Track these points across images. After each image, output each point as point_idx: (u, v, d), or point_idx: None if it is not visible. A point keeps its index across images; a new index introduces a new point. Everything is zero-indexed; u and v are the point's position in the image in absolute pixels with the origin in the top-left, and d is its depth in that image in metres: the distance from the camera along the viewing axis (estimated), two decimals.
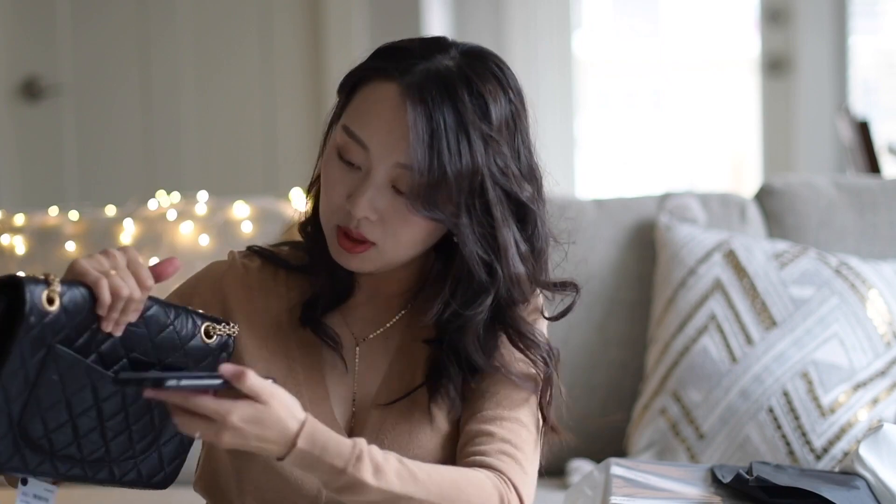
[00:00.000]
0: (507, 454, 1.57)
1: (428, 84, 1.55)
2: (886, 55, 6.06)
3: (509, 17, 5.37)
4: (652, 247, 2.54)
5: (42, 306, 1.41)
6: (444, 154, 1.53)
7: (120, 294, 1.45)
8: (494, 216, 1.57)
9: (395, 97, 1.55)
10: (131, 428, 1.50)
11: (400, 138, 1.54)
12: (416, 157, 1.52)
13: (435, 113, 1.54)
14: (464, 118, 1.55)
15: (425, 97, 1.54)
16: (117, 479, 1.52)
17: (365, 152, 1.56)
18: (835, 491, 1.77)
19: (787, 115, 5.43)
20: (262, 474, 1.62)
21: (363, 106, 1.58)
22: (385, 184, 1.56)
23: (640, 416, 2.42)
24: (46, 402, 1.44)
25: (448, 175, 1.53)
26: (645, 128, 7.02)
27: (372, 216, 1.56)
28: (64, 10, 4.66)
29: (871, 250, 2.54)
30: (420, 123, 1.53)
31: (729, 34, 6.61)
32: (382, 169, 1.55)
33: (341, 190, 1.57)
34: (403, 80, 1.55)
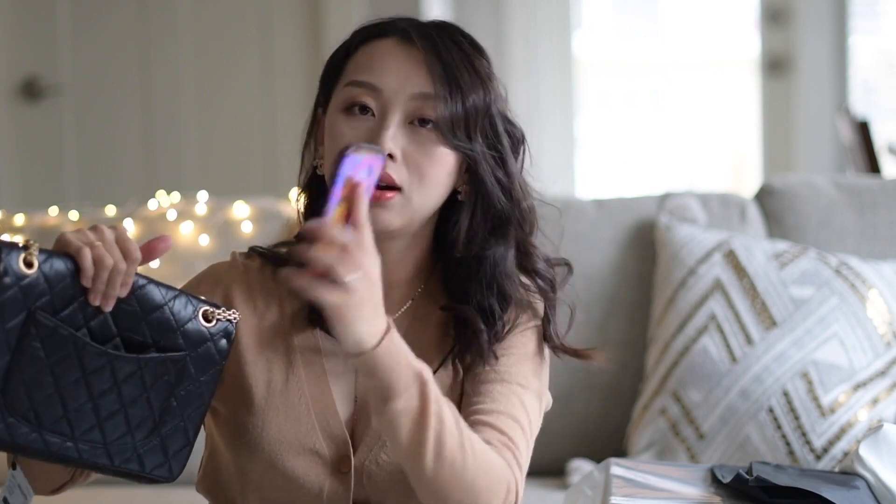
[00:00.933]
0: (509, 449, 1.58)
1: (425, 28, 1.62)
2: (886, 55, 6.06)
3: (509, 17, 5.37)
4: (652, 247, 2.54)
5: (18, 268, 1.41)
6: (462, 83, 1.59)
7: (103, 263, 1.45)
8: (504, 146, 1.64)
9: (396, 44, 1.61)
10: (127, 410, 1.49)
11: (412, 72, 1.59)
12: (439, 87, 1.58)
13: (441, 47, 1.60)
14: (469, 56, 1.62)
15: (429, 33, 1.61)
16: (117, 465, 1.50)
17: (376, 94, 1.59)
18: (835, 491, 1.77)
19: (787, 115, 5.43)
20: (265, 474, 1.62)
21: (364, 59, 1.62)
22: (404, 119, 1.59)
23: (640, 416, 2.42)
24: (29, 370, 1.43)
25: (467, 104, 1.59)
26: (645, 128, 7.02)
27: (397, 153, 1.58)
28: (64, 10, 4.66)
29: (871, 250, 2.54)
30: (432, 55, 1.59)
31: (729, 34, 6.61)
32: (399, 104, 1.59)
33: (356, 139, 1.58)
34: (399, 32, 1.62)
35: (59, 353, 1.44)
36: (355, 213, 1.42)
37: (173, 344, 1.52)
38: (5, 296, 1.41)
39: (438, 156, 1.59)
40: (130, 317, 1.49)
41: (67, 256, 1.45)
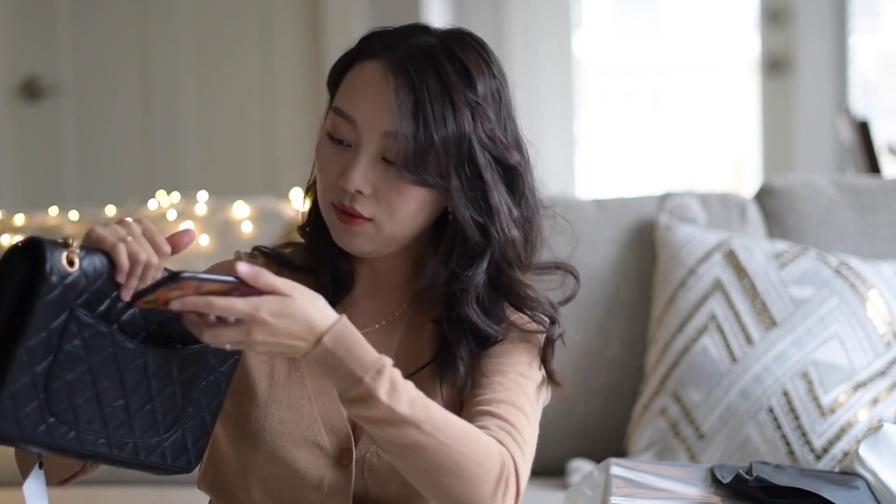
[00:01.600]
0: (508, 433, 1.58)
1: (411, 57, 1.59)
2: (886, 55, 6.06)
3: (509, 17, 5.37)
4: (652, 247, 2.54)
5: (63, 267, 1.40)
6: (430, 120, 1.56)
7: (138, 259, 1.45)
8: (485, 179, 1.60)
9: (379, 72, 1.59)
10: (154, 402, 1.49)
11: (384, 109, 1.57)
12: (402, 125, 1.55)
13: (419, 82, 1.57)
14: (448, 86, 1.58)
15: (408, 68, 1.58)
16: (142, 459, 1.50)
17: (353, 127, 1.59)
18: (835, 491, 1.77)
19: (787, 115, 5.43)
20: (267, 466, 1.63)
21: (349, 85, 1.61)
22: (375, 156, 1.58)
23: (640, 416, 2.42)
24: (70, 370, 1.42)
25: (435, 140, 1.56)
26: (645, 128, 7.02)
27: (365, 189, 1.58)
28: (64, 10, 4.66)
29: (871, 250, 2.54)
30: (402, 91, 1.57)
31: (729, 34, 6.61)
32: (370, 140, 1.58)
33: (334, 168, 1.60)
34: (387, 56, 1.59)
35: (99, 351, 1.44)
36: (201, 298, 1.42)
37: (194, 338, 1.51)
38: (51, 296, 1.40)
39: (408, 192, 1.59)
40: (159, 311, 1.48)
41: (103, 253, 1.44)
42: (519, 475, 1.56)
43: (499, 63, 1.65)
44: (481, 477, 1.52)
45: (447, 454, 1.50)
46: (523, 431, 1.59)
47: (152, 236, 1.48)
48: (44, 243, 1.40)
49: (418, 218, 1.61)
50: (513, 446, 1.56)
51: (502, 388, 1.61)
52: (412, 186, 1.58)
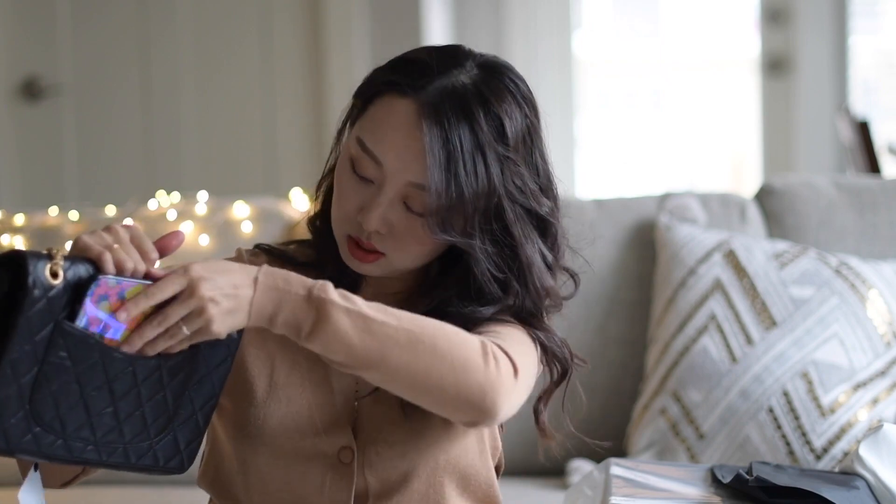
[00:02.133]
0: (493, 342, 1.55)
1: (444, 103, 1.55)
2: (886, 55, 6.06)
3: (509, 17, 5.37)
4: (652, 247, 2.54)
5: (46, 280, 1.40)
6: (462, 176, 1.54)
7: (124, 267, 1.44)
8: (514, 234, 1.58)
9: (410, 115, 1.55)
10: (144, 407, 1.49)
11: (414, 158, 1.55)
12: (434, 180, 1.53)
13: (451, 135, 1.54)
14: (480, 140, 1.55)
15: (441, 118, 1.54)
16: (133, 462, 1.50)
17: (378, 168, 1.57)
18: (835, 491, 1.77)
19: (787, 115, 5.43)
20: (267, 465, 1.63)
21: (378, 121, 1.58)
22: (397, 200, 1.57)
23: (640, 416, 2.42)
24: (56, 380, 1.43)
25: (465, 197, 1.54)
26: (645, 128, 7.03)
27: (383, 230, 1.57)
28: (64, 10, 4.66)
29: (871, 250, 2.54)
30: (437, 145, 1.53)
31: (729, 34, 6.61)
32: (395, 186, 1.56)
33: (353, 202, 1.58)
34: (419, 97, 1.55)
35: (85, 360, 1.44)
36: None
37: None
38: (34, 309, 1.40)
39: (425, 239, 1.58)
40: None
41: (89, 262, 1.44)
42: (510, 355, 1.53)
43: (531, 97, 1.61)
44: (463, 354, 1.50)
45: (421, 339, 1.48)
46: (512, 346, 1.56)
47: (140, 242, 1.47)
48: (27, 256, 1.40)
49: (431, 256, 1.62)
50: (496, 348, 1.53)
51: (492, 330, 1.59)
52: (433, 237, 1.57)
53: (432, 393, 1.50)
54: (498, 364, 1.51)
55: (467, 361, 1.50)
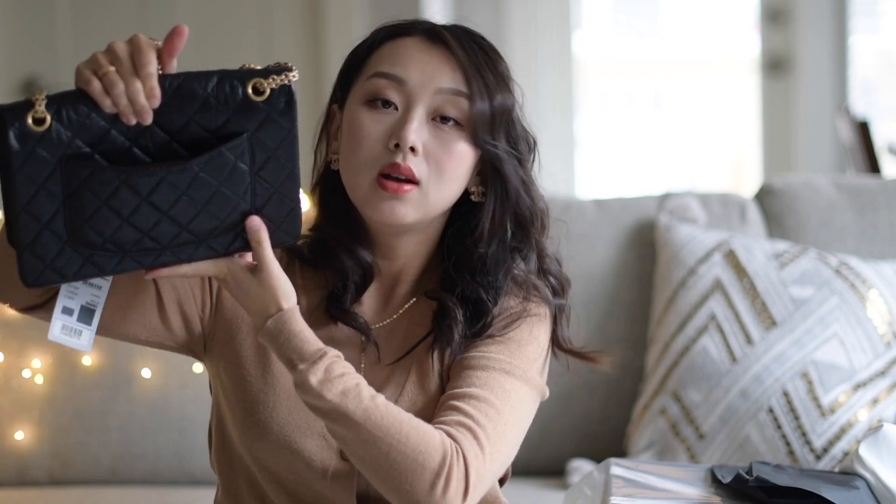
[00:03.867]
0: (466, 427, 1.56)
1: (449, 29, 1.63)
2: (886, 55, 6.06)
3: (509, 17, 5.37)
4: (652, 247, 2.54)
5: (30, 128, 1.39)
6: (489, 82, 1.60)
7: (115, 87, 1.41)
8: (521, 150, 1.64)
9: (423, 41, 1.62)
10: (207, 208, 1.47)
11: (439, 67, 1.60)
12: (468, 82, 1.59)
13: (467, 46, 1.61)
14: (491, 56, 1.63)
15: (457, 34, 1.62)
16: (223, 250, 1.50)
17: (401, 86, 1.60)
18: (835, 491, 1.77)
19: (787, 115, 5.43)
20: (273, 453, 1.63)
21: (389, 53, 1.63)
22: (427, 114, 1.60)
23: (640, 416, 2.42)
24: (86, 211, 1.43)
25: (494, 103, 1.60)
26: (645, 128, 7.03)
27: (419, 146, 1.58)
28: (64, 10, 4.67)
29: (871, 250, 2.54)
30: (461, 52, 1.60)
31: (729, 34, 6.62)
32: (424, 98, 1.59)
33: (379, 134, 1.59)
34: (424, 31, 1.63)
35: (106, 187, 1.43)
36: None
37: (232, 130, 1.49)
38: (26, 162, 1.40)
39: (459, 153, 1.60)
40: (176, 119, 1.46)
41: (81, 93, 1.42)
42: (469, 470, 1.53)
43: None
44: (414, 471, 1.50)
45: (377, 446, 1.50)
46: (488, 427, 1.57)
47: (137, 55, 1.44)
48: (2, 113, 1.39)
49: (460, 184, 1.62)
50: (467, 441, 1.54)
51: (479, 382, 1.60)
52: (464, 147, 1.60)
53: (377, 483, 1.53)
54: (447, 488, 1.51)
55: (415, 480, 1.51)
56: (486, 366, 1.61)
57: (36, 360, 2.45)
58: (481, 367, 1.61)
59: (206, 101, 1.50)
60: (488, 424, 1.57)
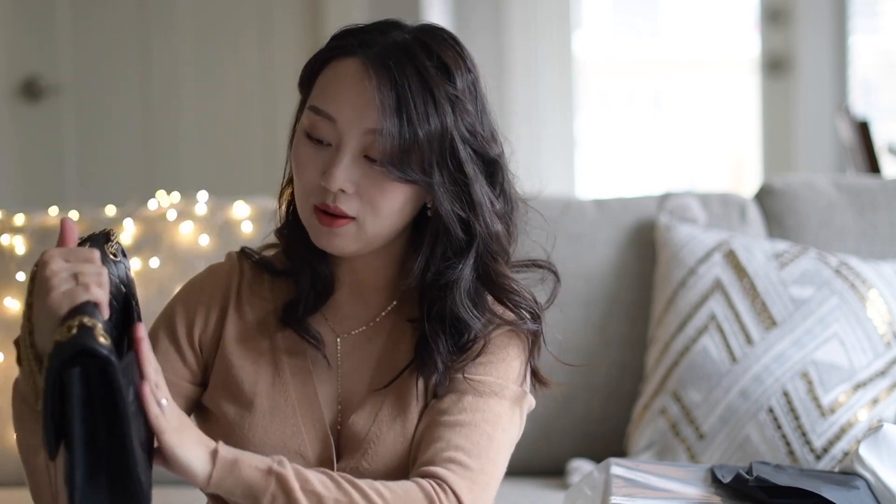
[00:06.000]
0: (455, 462, 1.57)
1: (389, 53, 1.59)
2: (886, 55, 6.06)
3: (509, 17, 5.37)
4: (652, 247, 2.54)
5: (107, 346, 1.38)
6: (413, 116, 1.56)
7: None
8: (467, 174, 1.60)
9: (357, 68, 1.58)
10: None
11: (366, 105, 1.57)
12: (386, 122, 1.55)
13: (399, 78, 1.57)
14: (428, 82, 1.58)
15: (388, 64, 1.57)
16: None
17: (333, 125, 1.59)
18: (835, 491, 1.77)
19: (787, 115, 5.43)
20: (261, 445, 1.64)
21: (327, 83, 1.61)
22: (357, 153, 1.58)
23: (640, 416, 2.42)
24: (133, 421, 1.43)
25: (419, 136, 1.56)
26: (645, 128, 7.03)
27: (348, 188, 1.58)
28: (64, 10, 4.66)
29: (871, 250, 2.54)
30: (385, 88, 1.56)
31: (729, 34, 6.62)
32: (353, 138, 1.58)
33: (314, 169, 1.59)
34: (364, 52, 1.59)
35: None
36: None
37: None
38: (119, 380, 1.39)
39: (391, 189, 1.59)
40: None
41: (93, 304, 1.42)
42: (461, 500, 1.56)
43: (472, 57, 1.65)
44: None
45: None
46: (480, 456, 1.59)
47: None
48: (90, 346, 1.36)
49: (401, 215, 1.61)
50: (455, 476, 1.56)
51: (468, 407, 1.61)
52: (395, 183, 1.58)
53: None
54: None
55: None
56: (474, 390, 1.62)
57: None
58: (470, 392, 1.62)
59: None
60: (480, 452, 1.59)
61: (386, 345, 1.67)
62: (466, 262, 1.62)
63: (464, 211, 1.61)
